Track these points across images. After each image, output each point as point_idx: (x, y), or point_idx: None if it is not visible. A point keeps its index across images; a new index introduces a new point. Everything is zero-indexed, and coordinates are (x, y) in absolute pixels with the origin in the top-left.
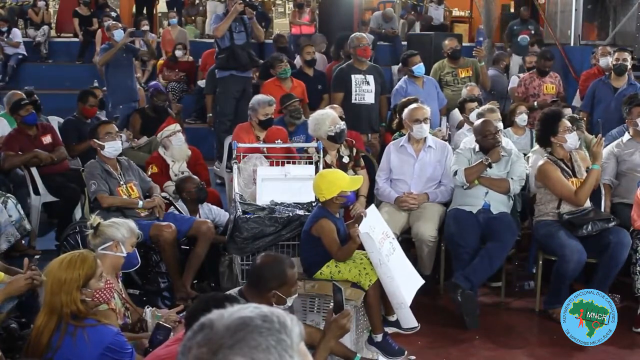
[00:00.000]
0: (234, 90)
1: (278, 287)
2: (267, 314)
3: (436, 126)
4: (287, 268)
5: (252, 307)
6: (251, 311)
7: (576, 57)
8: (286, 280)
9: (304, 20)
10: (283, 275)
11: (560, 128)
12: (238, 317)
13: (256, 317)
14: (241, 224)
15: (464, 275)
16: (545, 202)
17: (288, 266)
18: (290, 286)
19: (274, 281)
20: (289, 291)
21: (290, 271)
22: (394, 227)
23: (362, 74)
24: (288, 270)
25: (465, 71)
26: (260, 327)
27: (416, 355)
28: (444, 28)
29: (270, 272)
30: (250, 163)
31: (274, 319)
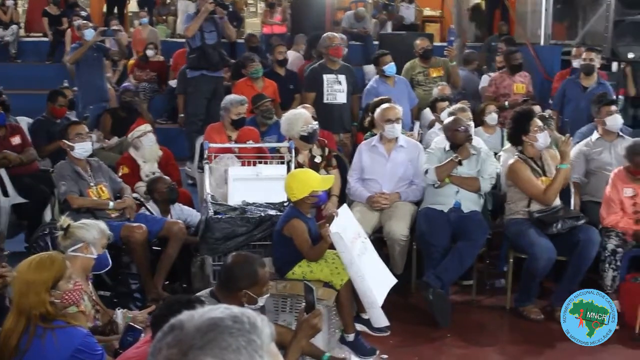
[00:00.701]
0: (205, 90)
1: (249, 287)
2: (237, 315)
3: (408, 125)
4: (258, 267)
5: (222, 308)
6: (222, 312)
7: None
8: (257, 279)
9: (275, 19)
10: (254, 274)
11: (531, 127)
12: (208, 317)
13: (227, 318)
14: (213, 225)
15: (435, 274)
16: (516, 200)
17: (259, 266)
18: (262, 286)
19: (245, 281)
20: (260, 291)
21: (261, 271)
22: (365, 226)
23: (333, 73)
24: (259, 269)
25: (436, 71)
26: (230, 328)
27: (388, 354)
28: (416, 28)
29: (241, 271)
30: (221, 163)
31: (244, 320)
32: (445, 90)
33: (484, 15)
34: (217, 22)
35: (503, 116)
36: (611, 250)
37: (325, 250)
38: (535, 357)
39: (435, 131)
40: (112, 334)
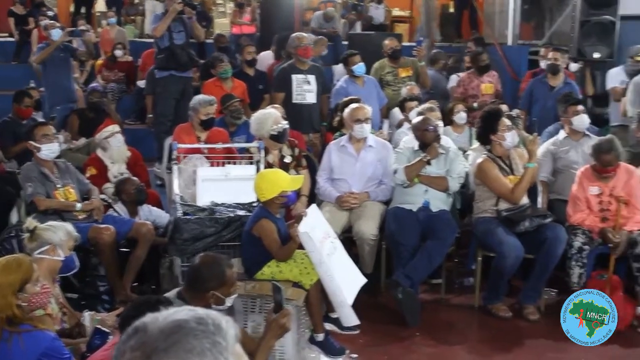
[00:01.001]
0: (173, 91)
1: (217, 288)
2: (202, 317)
3: (377, 125)
4: (225, 268)
5: (186, 310)
6: (186, 314)
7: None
8: (225, 280)
9: (244, 19)
10: (221, 275)
11: (500, 126)
12: (172, 320)
13: (191, 320)
14: (181, 225)
15: (404, 273)
16: (484, 199)
17: (226, 266)
18: (229, 286)
19: (212, 282)
20: (228, 291)
21: (229, 271)
22: (335, 226)
23: (303, 73)
24: (226, 270)
25: (405, 71)
26: (195, 330)
27: (358, 354)
28: (385, 28)
29: (209, 272)
30: (190, 164)
31: (208, 322)
32: (414, 90)
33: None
34: (186, 22)
35: (472, 116)
36: (578, 248)
37: (294, 251)
38: (504, 354)
39: (404, 131)
40: (79, 336)
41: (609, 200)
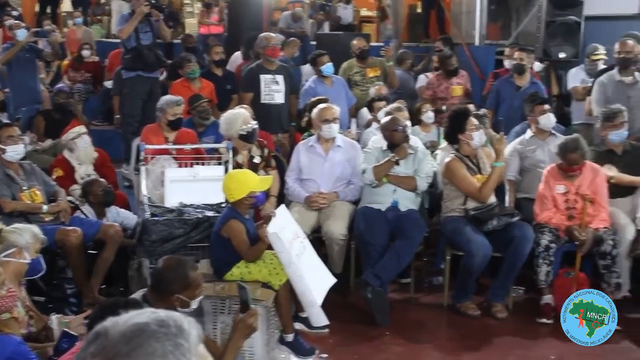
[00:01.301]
0: (141, 91)
1: (181, 291)
2: (163, 319)
3: (345, 125)
4: (189, 271)
5: (148, 313)
6: (147, 316)
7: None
8: (189, 283)
9: (212, 20)
10: (185, 278)
11: (467, 126)
12: (133, 323)
13: (152, 323)
14: (149, 227)
15: (373, 273)
16: (452, 198)
17: (190, 269)
18: (194, 289)
19: (176, 285)
20: (193, 294)
21: (193, 273)
22: (304, 226)
23: (271, 74)
24: (190, 272)
25: (373, 71)
26: (156, 333)
27: (327, 354)
28: (353, 28)
29: (172, 275)
30: (158, 165)
31: (170, 323)
32: (382, 90)
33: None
34: (152, 23)
35: (441, 116)
36: (545, 246)
37: (264, 251)
38: (473, 352)
39: (372, 131)
40: (46, 340)
41: (575, 198)
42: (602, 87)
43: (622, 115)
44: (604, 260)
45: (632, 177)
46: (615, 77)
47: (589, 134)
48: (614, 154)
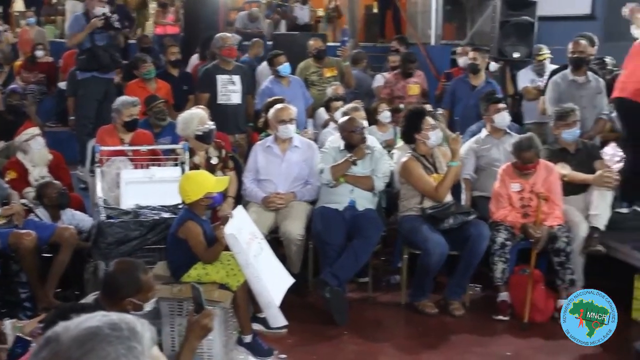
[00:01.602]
0: (96, 92)
1: (133, 294)
2: (115, 322)
3: (302, 125)
4: (141, 274)
5: (99, 316)
6: (98, 320)
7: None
8: (141, 286)
9: (168, 20)
10: (137, 281)
11: (423, 125)
12: (85, 327)
13: (104, 326)
14: (105, 229)
15: (331, 272)
16: (409, 197)
17: (142, 272)
18: (146, 292)
19: (128, 288)
20: (145, 297)
21: (144, 277)
22: (261, 227)
23: (227, 74)
24: (142, 275)
25: (330, 71)
26: (109, 336)
27: (286, 354)
28: (309, 28)
29: (124, 279)
30: (113, 166)
31: (122, 327)
32: (339, 90)
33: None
34: None
35: (398, 115)
36: (500, 244)
37: (221, 252)
38: (430, 350)
39: (329, 130)
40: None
41: (529, 196)
42: (556, 87)
43: (574, 115)
44: (558, 257)
45: (585, 175)
46: (568, 76)
47: (541, 132)
48: (567, 152)
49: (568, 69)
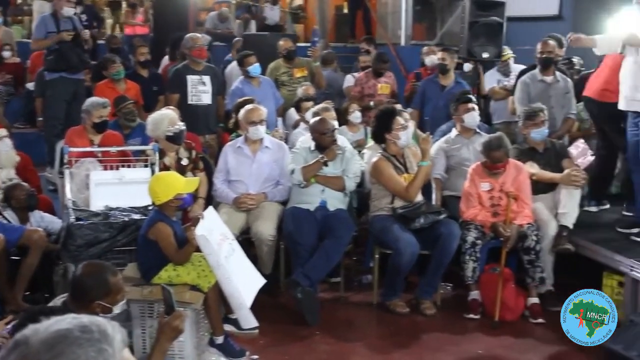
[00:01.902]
0: (64, 93)
1: (102, 297)
2: (85, 324)
3: (273, 126)
4: (109, 276)
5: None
6: (68, 322)
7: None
8: (109, 289)
9: (137, 20)
10: (105, 284)
11: (394, 125)
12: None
13: (74, 329)
14: (74, 231)
15: (303, 273)
16: (380, 197)
17: (110, 274)
18: (115, 294)
19: (96, 291)
20: (114, 299)
21: (113, 279)
22: (233, 227)
23: (197, 74)
24: (110, 278)
25: (300, 71)
26: (79, 339)
27: (258, 355)
28: (280, 28)
29: (92, 281)
30: (83, 168)
31: (93, 329)
32: (309, 90)
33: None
34: (76, 23)
35: (368, 115)
36: (471, 243)
37: (192, 254)
38: (402, 349)
39: (300, 131)
40: None
41: (499, 195)
42: (525, 87)
43: (542, 114)
44: (528, 255)
45: (553, 174)
46: (537, 76)
47: (510, 132)
48: (535, 151)
49: (537, 69)
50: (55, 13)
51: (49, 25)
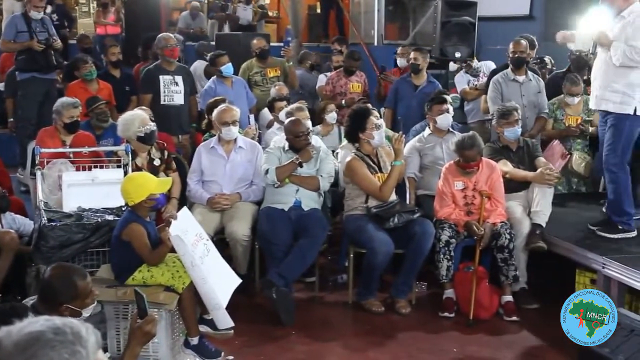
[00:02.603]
0: (37, 93)
1: (70, 300)
2: (59, 326)
3: (245, 126)
4: (77, 280)
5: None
6: (41, 325)
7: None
8: (77, 292)
9: (109, 20)
10: (73, 287)
11: (368, 125)
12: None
13: (47, 331)
14: (47, 232)
15: (278, 273)
16: (354, 197)
17: (79, 277)
18: (84, 298)
19: (64, 294)
20: (83, 303)
21: (82, 282)
22: (207, 228)
23: (170, 74)
24: (79, 282)
25: (273, 71)
26: (52, 341)
27: (234, 355)
28: (253, 28)
29: (60, 285)
30: (54, 169)
31: (66, 331)
32: (283, 90)
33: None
34: (47, 23)
35: (341, 115)
36: (445, 242)
37: (166, 254)
38: (378, 347)
39: (274, 131)
40: None
41: (473, 194)
42: (497, 86)
43: (516, 113)
44: (502, 253)
45: (526, 172)
46: (509, 76)
47: (484, 131)
48: (508, 150)
49: (509, 68)
50: (25, 13)
51: (19, 25)
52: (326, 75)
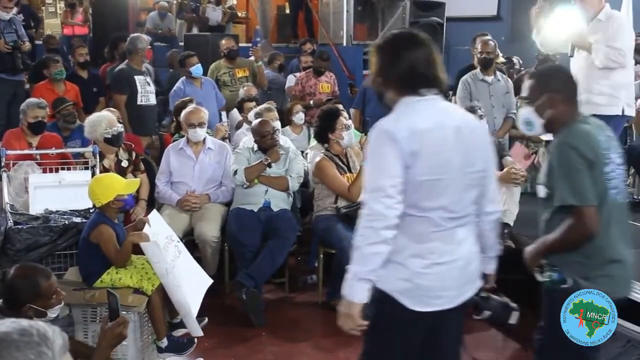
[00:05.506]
0: (4, 94)
1: (32, 300)
2: (25, 328)
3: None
4: (40, 279)
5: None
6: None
7: (349, 57)
8: (40, 292)
9: (76, 20)
10: (36, 287)
11: (337, 125)
12: None
13: (13, 332)
14: (13, 235)
15: (247, 274)
16: (323, 197)
17: (42, 277)
18: (47, 298)
19: (27, 294)
20: (47, 303)
21: (45, 282)
22: (176, 229)
23: (142, 75)
24: (42, 281)
25: (242, 71)
26: (17, 342)
27: (204, 356)
28: (222, 29)
29: (22, 284)
30: (21, 171)
31: (33, 332)
32: (252, 90)
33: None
34: (17, 24)
35: (309, 115)
36: None
37: (130, 250)
38: (348, 348)
39: (243, 131)
40: None
41: None
42: (466, 86)
43: (480, 110)
44: None
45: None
46: (478, 76)
47: None
48: None
49: (477, 69)
50: None
51: None
52: (295, 75)
